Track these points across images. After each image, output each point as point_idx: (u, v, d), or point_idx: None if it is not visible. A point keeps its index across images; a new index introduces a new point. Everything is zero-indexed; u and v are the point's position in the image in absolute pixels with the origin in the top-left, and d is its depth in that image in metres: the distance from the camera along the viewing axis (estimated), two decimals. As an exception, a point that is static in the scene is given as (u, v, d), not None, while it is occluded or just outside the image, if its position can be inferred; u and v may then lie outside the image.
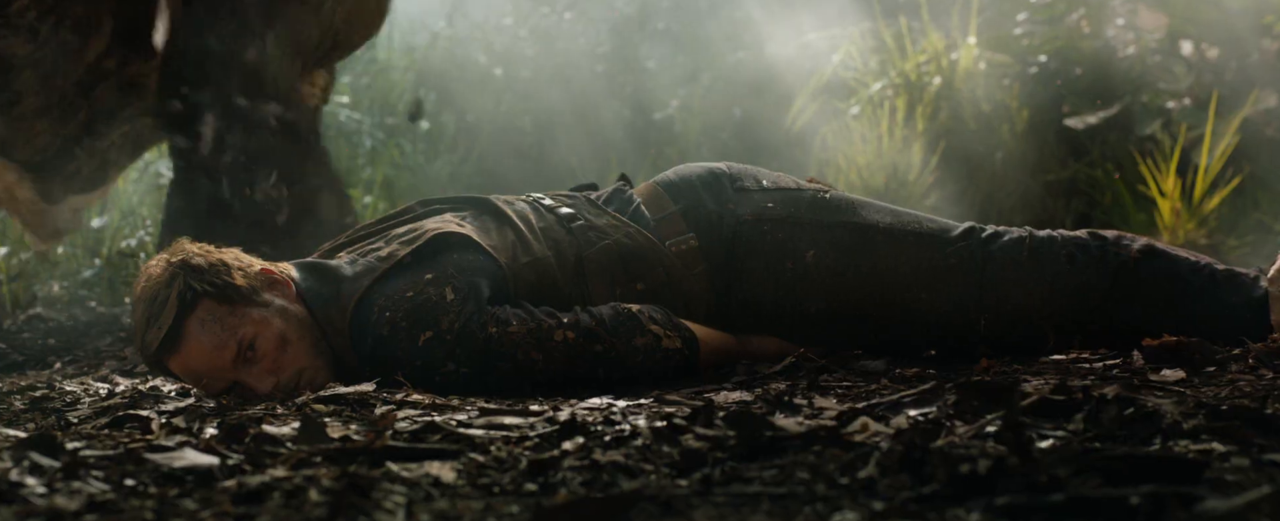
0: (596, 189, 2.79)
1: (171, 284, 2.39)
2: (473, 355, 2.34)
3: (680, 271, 2.55)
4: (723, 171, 2.70)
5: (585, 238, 2.55)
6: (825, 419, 1.85)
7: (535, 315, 2.38)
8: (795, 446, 1.62)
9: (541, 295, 2.49)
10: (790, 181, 2.69)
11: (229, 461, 1.57)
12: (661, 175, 2.75)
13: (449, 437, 1.75)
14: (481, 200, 2.65)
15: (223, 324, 2.37)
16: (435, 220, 2.57)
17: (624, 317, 2.41)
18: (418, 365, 2.35)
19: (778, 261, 2.57)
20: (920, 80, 6.45)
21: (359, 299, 2.41)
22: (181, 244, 2.50)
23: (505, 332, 2.34)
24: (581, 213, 2.61)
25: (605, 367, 2.39)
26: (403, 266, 2.43)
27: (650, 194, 2.68)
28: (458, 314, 2.35)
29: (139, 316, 2.42)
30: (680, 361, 2.44)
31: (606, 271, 2.53)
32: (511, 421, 1.90)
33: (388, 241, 2.54)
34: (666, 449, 1.66)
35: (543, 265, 2.50)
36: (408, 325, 2.35)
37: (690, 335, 2.45)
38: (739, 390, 2.26)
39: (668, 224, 2.61)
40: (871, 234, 2.57)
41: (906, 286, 2.54)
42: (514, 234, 2.54)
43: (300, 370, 2.43)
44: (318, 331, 2.46)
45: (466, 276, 2.41)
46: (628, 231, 2.56)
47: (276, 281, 2.49)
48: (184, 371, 2.40)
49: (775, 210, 2.60)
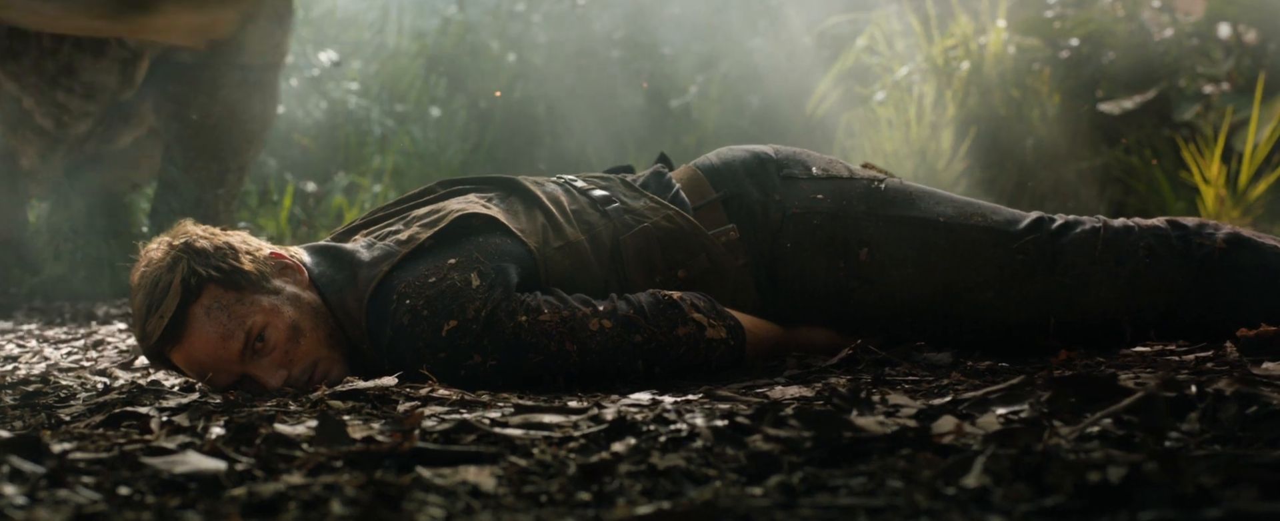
0: (632, 171, 2.59)
1: (174, 268, 2.20)
2: (501, 346, 2.14)
3: (725, 257, 2.35)
4: (769, 156, 2.50)
5: (621, 221, 2.36)
6: (902, 417, 1.65)
7: (569, 303, 2.19)
8: (880, 449, 1.43)
9: (575, 282, 2.30)
10: (842, 169, 2.49)
11: (237, 466, 1.38)
12: (702, 158, 2.55)
13: (485, 438, 1.55)
14: (509, 180, 2.45)
15: (229, 312, 2.18)
16: (459, 201, 2.38)
17: (665, 305, 2.21)
18: (441, 357, 2.16)
19: (828, 259, 2.37)
20: (948, 65, 6.25)
21: (376, 285, 2.22)
22: (184, 225, 2.31)
23: (536, 321, 2.15)
24: (616, 195, 2.41)
25: (645, 359, 2.19)
26: (424, 250, 2.24)
27: (690, 178, 2.48)
28: (484, 301, 2.15)
29: (138, 304, 2.23)
30: (725, 353, 2.24)
31: (645, 257, 2.34)
32: (552, 420, 1.71)
33: (408, 223, 2.34)
34: (731, 451, 1.47)
35: (576, 250, 2.31)
36: (430, 314, 2.15)
37: (736, 324, 2.26)
38: (795, 385, 2.07)
39: (708, 213, 2.41)
40: (932, 229, 2.36)
41: (970, 286, 2.34)
42: (544, 216, 2.34)
43: (314, 362, 2.24)
44: (332, 321, 2.27)
45: (494, 261, 2.21)
46: (667, 214, 2.36)
47: (288, 266, 2.30)
48: (187, 364, 2.21)
49: (825, 203, 2.40)
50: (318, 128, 6.97)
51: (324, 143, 6.94)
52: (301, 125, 6.96)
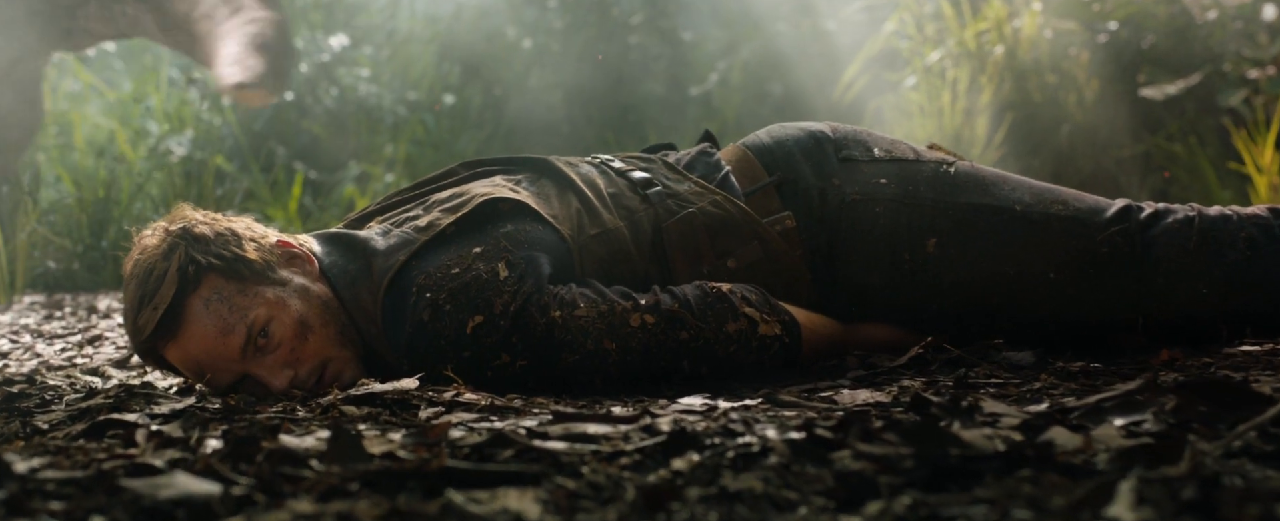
0: (674, 150, 2.36)
1: (170, 256, 1.99)
2: (533, 344, 1.92)
3: (779, 247, 2.13)
4: (825, 135, 2.27)
5: (664, 206, 2.13)
6: (1003, 427, 1.43)
7: (607, 296, 1.97)
8: (994, 469, 1.21)
9: (613, 273, 2.08)
10: (907, 150, 2.26)
11: (235, 490, 1.16)
12: (752, 137, 2.33)
13: (524, 454, 1.33)
14: (539, 161, 2.23)
15: (230, 304, 1.97)
16: (485, 183, 2.15)
17: (713, 299, 1.99)
18: (465, 357, 1.94)
19: (892, 250, 2.15)
20: (981, 49, 6.02)
21: (393, 276, 2.00)
22: (182, 209, 2.09)
23: (571, 317, 1.93)
24: (658, 177, 2.19)
25: (691, 359, 1.97)
26: (446, 238, 2.02)
27: (739, 159, 2.26)
28: (514, 294, 1.93)
29: (131, 295, 2.01)
30: (779, 351, 2.02)
31: (690, 245, 2.11)
32: (597, 430, 1.49)
33: (428, 208, 2.12)
34: (814, 470, 1.25)
35: (614, 237, 2.09)
36: (453, 308, 1.94)
37: (791, 320, 2.03)
38: (864, 388, 1.84)
39: (760, 198, 2.19)
40: (1007, 218, 2.14)
41: (1050, 280, 2.11)
42: (578, 201, 2.12)
43: (323, 362, 2.02)
44: (344, 316, 2.05)
45: (523, 250, 1.99)
46: (715, 199, 2.14)
47: (296, 255, 2.08)
48: (183, 362, 2.00)
49: (889, 188, 2.18)
50: (328, 115, 6.76)
51: (334, 130, 6.74)
52: (311, 112, 6.76)
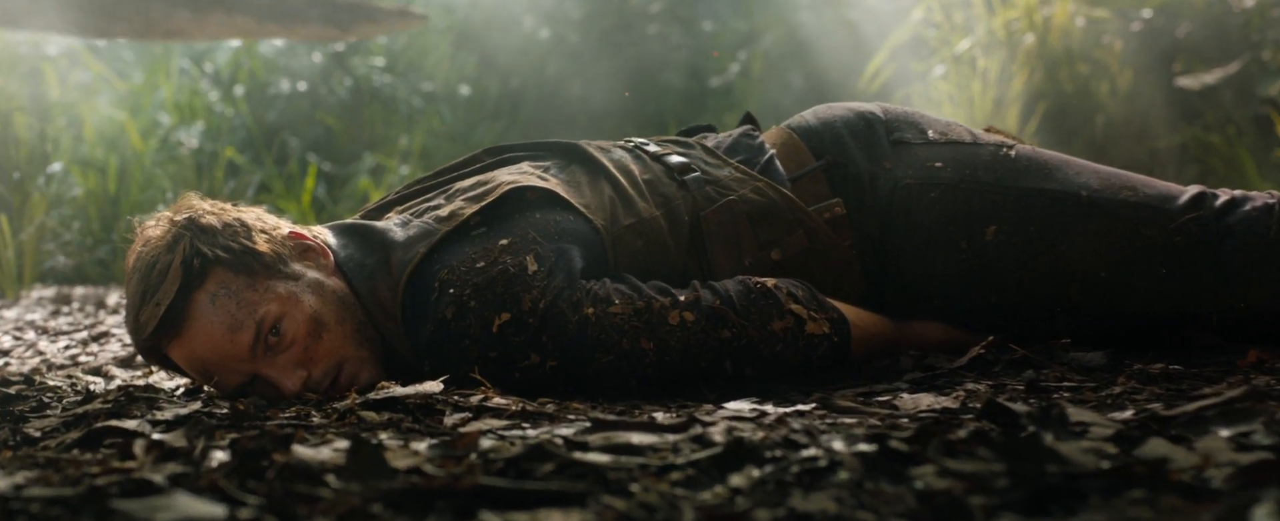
0: (714, 131, 2.22)
1: (175, 248, 1.85)
2: (564, 344, 1.78)
3: (827, 237, 1.99)
4: (876, 117, 2.13)
5: (703, 193, 1.99)
6: (1095, 438, 1.28)
7: (643, 292, 1.83)
8: (1099, 488, 1.07)
9: (648, 266, 1.94)
10: (963, 132, 2.11)
11: (242, 512, 1.02)
12: (797, 118, 2.18)
13: (566, 468, 1.19)
14: (568, 146, 2.09)
15: (239, 300, 1.83)
16: (511, 171, 2.01)
17: (757, 295, 1.85)
18: (491, 357, 1.80)
19: (948, 239, 2.00)
20: (1011, 38, 5.86)
21: (413, 270, 1.86)
22: (189, 199, 1.96)
23: (605, 314, 1.79)
24: (697, 162, 2.05)
25: (734, 359, 1.83)
26: (470, 229, 1.88)
27: (784, 142, 2.11)
28: (543, 290, 1.79)
29: (133, 290, 1.88)
30: (828, 350, 1.87)
31: (731, 236, 1.97)
32: (642, 440, 1.35)
33: (450, 197, 1.98)
34: (890, 489, 1.11)
35: (649, 228, 1.95)
36: (479, 305, 1.80)
37: (840, 317, 1.89)
38: (925, 392, 1.70)
39: (807, 184, 2.05)
40: (1072, 204, 1.99)
41: (1119, 272, 1.96)
42: (612, 188, 1.98)
43: (338, 362, 1.89)
44: (361, 312, 1.92)
45: (553, 242, 1.85)
46: (757, 185, 2.00)
47: (309, 248, 1.94)
48: (188, 361, 1.86)
49: (945, 172, 2.03)
50: (341, 106, 6.63)
51: (348, 122, 6.60)
52: (325, 103, 6.62)
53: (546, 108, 7.02)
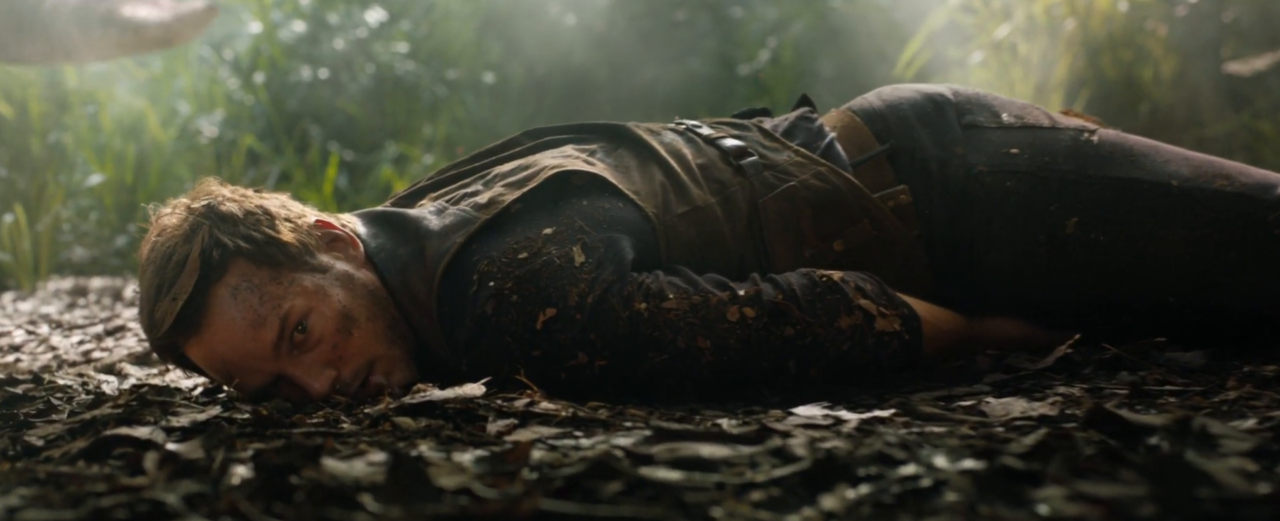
0: (769, 114, 2.07)
1: (192, 238, 1.71)
2: (614, 342, 1.64)
3: (893, 227, 1.84)
4: (945, 99, 1.97)
5: (761, 179, 1.84)
6: (1227, 452, 1.13)
7: (700, 286, 1.68)
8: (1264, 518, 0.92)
9: (703, 258, 1.79)
10: (1041, 116, 1.96)
11: (267, 544, 0.88)
12: (859, 100, 2.03)
13: (635, 487, 1.05)
14: (615, 128, 1.94)
15: (262, 294, 1.69)
16: (554, 154, 1.87)
17: (823, 289, 1.70)
18: (535, 356, 1.65)
19: (1025, 232, 1.85)
20: (1052, 23, 5.69)
21: (450, 262, 1.71)
22: (207, 184, 1.82)
23: (659, 310, 1.64)
24: (754, 146, 1.90)
25: (797, 359, 1.68)
26: (511, 217, 1.74)
27: (846, 126, 1.96)
28: (591, 283, 1.65)
29: (147, 284, 1.74)
30: (899, 350, 1.72)
31: (791, 225, 1.82)
32: (713, 453, 1.20)
33: (488, 183, 1.84)
34: (1010, 513, 0.96)
35: (704, 216, 1.80)
36: (521, 300, 1.65)
37: (912, 314, 1.74)
38: (1014, 396, 1.55)
39: (871, 170, 1.90)
40: (1161, 194, 1.83)
41: (1212, 266, 1.80)
42: (663, 173, 1.83)
43: (369, 362, 1.74)
44: (393, 307, 1.77)
45: (601, 231, 1.71)
46: (819, 171, 1.85)
47: (338, 238, 1.80)
48: (207, 361, 1.72)
49: (1022, 159, 1.88)
50: (364, 94, 6.50)
51: (371, 110, 6.47)
52: (347, 91, 6.49)
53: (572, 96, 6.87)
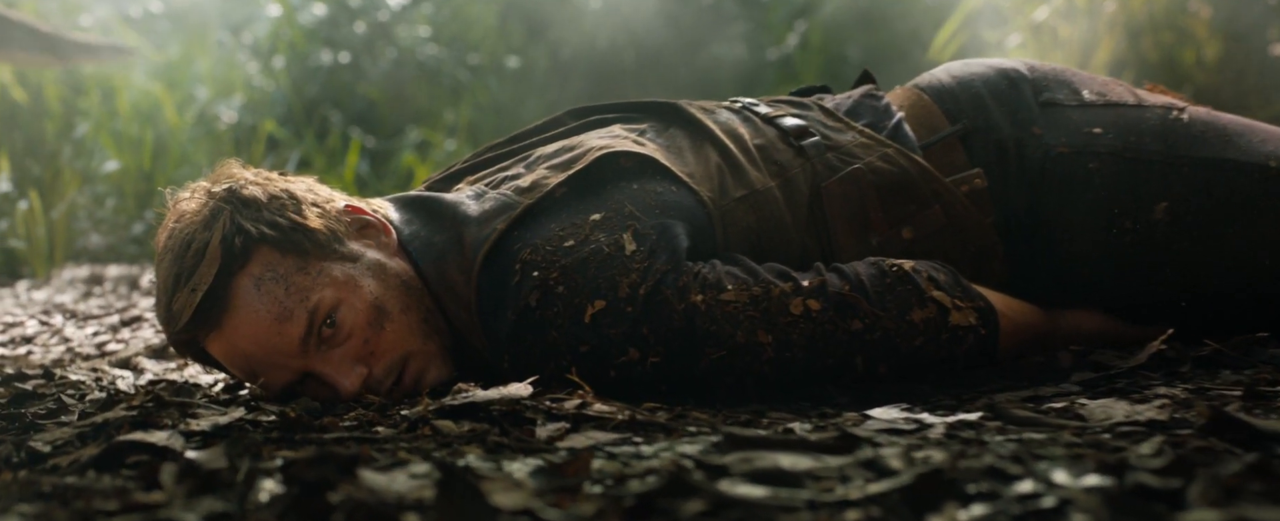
0: (830, 92, 1.94)
1: (213, 224, 1.59)
2: (668, 336, 1.51)
3: (966, 213, 1.70)
4: (1021, 75, 1.83)
5: (823, 161, 1.71)
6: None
7: (760, 276, 1.55)
8: None
9: (762, 245, 1.66)
10: (1125, 92, 1.82)
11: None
12: (927, 76, 1.90)
13: (719, 507, 0.92)
14: (666, 106, 1.81)
15: (288, 285, 1.57)
16: (601, 134, 1.74)
17: (894, 280, 1.56)
18: (583, 352, 1.53)
19: (1109, 218, 1.71)
20: (1092, 4, 5.53)
21: (490, 250, 1.59)
22: (228, 167, 1.69)
23: (717, 302, 1.51)
24: (815, 125, 1.76)
25: (866, 355, 1.54)
26: (556, 202, 1.61)
27: (913, 104, 1.83)
28: (643, 273, 1.52)
29: (164, 274, 1.61)
30: (974, 345, 1.58)
31: (855, 210, 1.69)
32: (795, 464, 1.07)
33: (531, 165, 1.71)
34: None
35: (763, 201, 1.67)
36: (568, 291, 1.52)
37: (988, 307, 1.60)
38: (1111, 397, 1.42)
39: (942, 152, 1.76)
40: (1258, 176, 1.69)
41: None
42: (719, 155, 1.70)
43: (403, 357, 1.62)
44: (429, 299, 1.65)
45: (654, 217, 1.58)
46: (886, 153, 1.71)
47: (369, 224, 1.68)
48: (229, 357, 1.60)
49: (1106, 139, 1.74)
50: (385, 78, 6.38)
51: (392, 95, 6.35)
52: (368, 75, 6.37)
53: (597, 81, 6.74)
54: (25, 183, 4.85)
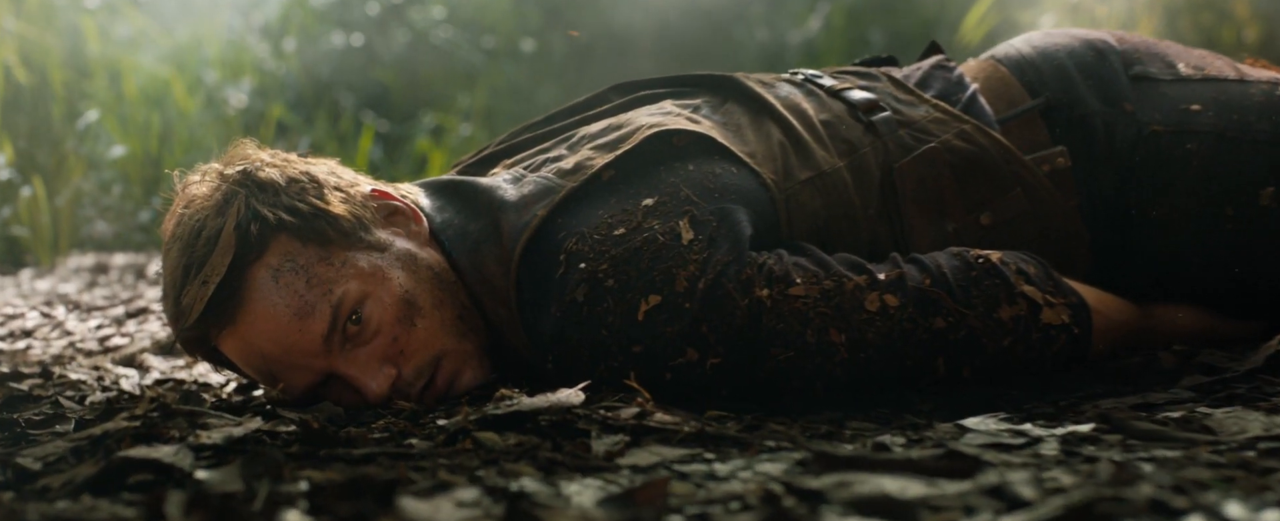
0: (897, 63, 1.78)
1: (226, 210, 1.43)
2: (730, 336, 1.35)
3: (1050, 197, 1.55)
4: (1108, 46, 1.67)
5: (896, 139, 1.55)
6: None
7: (831, 267, 1.39)
8: None
9: (829, 233, 1.51)
10: (1224, 66, 1.66)
11: None
12: (1005, 47, 1.74)
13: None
14: (721, 79, 1.65)
15: (310, 277, 1.42)
16: (651, 111, 1.58)
17: (980, 273, 1.41)
18: (635, 353, 1.37)
19: (1210, 203, 1.56)
20: (1129, -16, 5.36)
21: (531, 239, 1.43)
22: (243, 146, 1.54)
23: (784, 297, 1.36)
24: (886, 99, 1.61)
25: (949, 356, 1.38)
26: (603, 185, 1.46)
27: (989, 76, 1.67)
28: (702, 265, 1.36)
29: (172, 264, 1.46)
30: (1066, 345, 1.42)
31: (931, 193, 1.53)
32: (904, 490, 0.91)
33: (574, 146, 1.55)
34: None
35: (831, 183, 1.51)
36: (619, 285, 1.37)
37: (1081, 303, 1.44)
38: (1237, 406, 1.26)
39: (1021, 129, 1.60)
40: None
41: None
42: (781, 132, 1.54)
43: (436, 357, 1.47)
44: (463, 293, 1.49)
45: (713, 202, 1.42)
46: (963, 130, 1.56)
47: (397, 210, 1.52)
48: (244, 356, 1.45)
49: (1206, 117, 1.58)
50: (398, 61, 6.23)
51: (406, 79, 6.20)
52: (381, 58, 6.22)
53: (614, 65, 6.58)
54: (29, 168, 4.71)
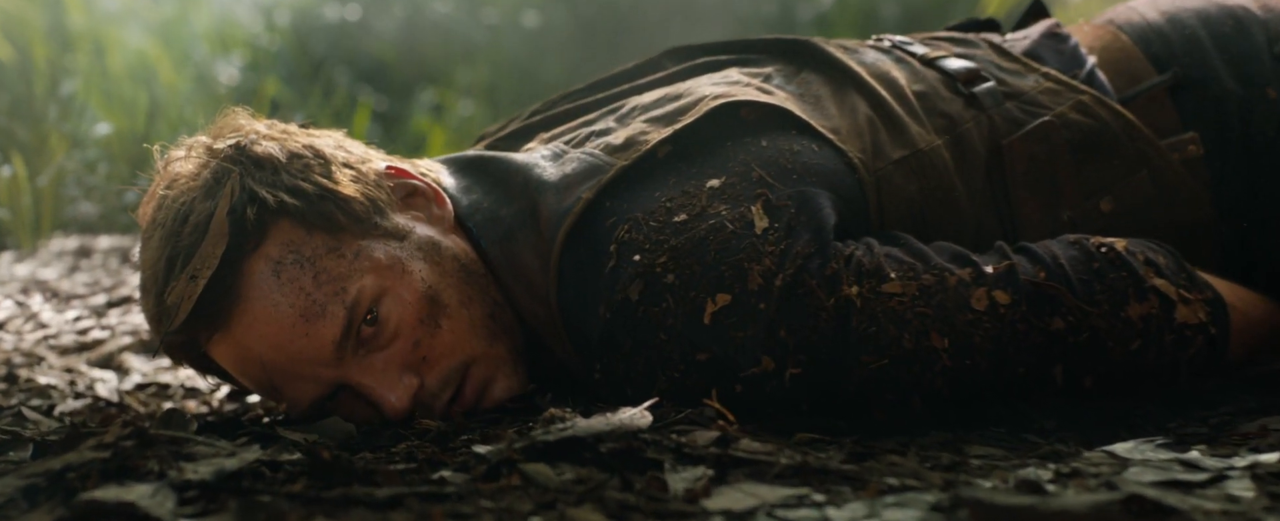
0: (998, 28, 1.56)
1: (217, 191, 1.21)
2: (813, 342, 1.14)
3: (1181, 182, 1.33)
4: (1251, 16, 1.44)
5: (1002, 112, 1.33)
6: None
7: (930, 260, 1.18)
8: None
9: (926, 220, 1.29)
10: None
11: None
12: (1124, 10, 1.51)
13: None
14: (797, 43, 1.43)
15: (317, 271, 1.20)
16: (714, 80, 1.36)
17: (1104, 264, 1.19)
18: (701, 361, 1.16)
19: None
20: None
21: (574, 225, 1.22)
22: (234, 117, 1.31)
23: (877, 295, 1.14)
24: (988, 68, 1.39)
25: (1068, 362, 1.17)
26: (659, 164, 1.24)
27: (1108, 45, 1.45)
28: (779, 258, 1.15)
29: (153, 255, 1.24)
30: (1203, 349, 1.21)
31: (1044, 176, 1.32)
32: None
33: (624, 118, 1.33)
34: None
35: (928, 163, 1.30)
36: (681, 281, 1.16)
37: (1217, 298, 1.23)
38: None
39: (1145, 107, 1.38)
40: None
41: None
42: (869, 105, 1.33)
43: (463, 364, 1.25)
44: (495, 289, 1.28)
45: (790, 185, 1.21)
46: (1080, 101, 1.34)
47: (418, 191, 1.30)
48: (240, 365, 1.23)
49: None
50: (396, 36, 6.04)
51: (404, 54, 6.00)
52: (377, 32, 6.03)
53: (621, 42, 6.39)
54: (9, 147, 4.50)
